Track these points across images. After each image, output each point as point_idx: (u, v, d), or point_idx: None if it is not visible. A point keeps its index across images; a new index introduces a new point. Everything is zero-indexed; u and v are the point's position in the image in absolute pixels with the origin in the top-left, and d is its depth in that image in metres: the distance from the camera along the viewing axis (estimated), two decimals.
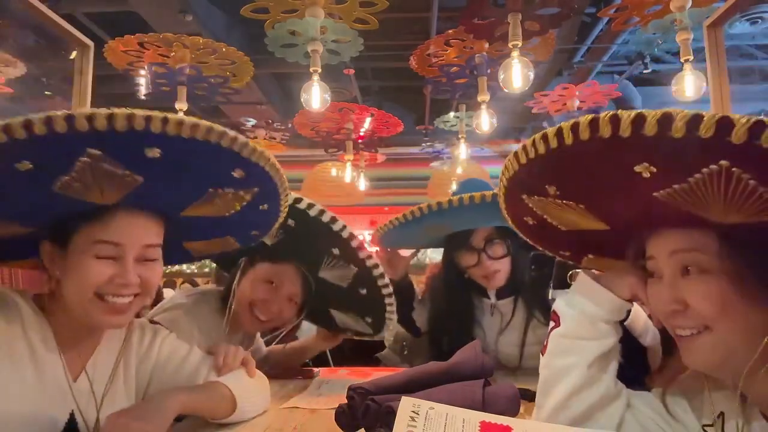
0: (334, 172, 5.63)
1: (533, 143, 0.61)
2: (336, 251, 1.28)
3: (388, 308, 1.35)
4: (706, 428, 0.68)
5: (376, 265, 1.28)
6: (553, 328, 0.80)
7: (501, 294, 1.55)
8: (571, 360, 0.76)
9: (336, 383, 1.39)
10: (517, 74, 2.79)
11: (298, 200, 1.17)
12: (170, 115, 0.69)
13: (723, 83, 1.89)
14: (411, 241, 1.68)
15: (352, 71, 5.01)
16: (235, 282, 1.36)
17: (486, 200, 1.30)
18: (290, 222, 1.18)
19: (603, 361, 0.76)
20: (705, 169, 0.52)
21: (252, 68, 3.34)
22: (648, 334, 1.15)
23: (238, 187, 0.86)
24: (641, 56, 5.00)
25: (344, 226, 1.22)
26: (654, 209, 0.63)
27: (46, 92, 3.22)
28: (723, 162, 0.51)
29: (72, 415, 0.86)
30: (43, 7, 1.76)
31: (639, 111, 0.52)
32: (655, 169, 0.55)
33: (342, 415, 0.82)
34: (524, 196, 0.73)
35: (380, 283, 1.30)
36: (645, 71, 5.09)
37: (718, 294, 0.62)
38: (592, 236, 0.76)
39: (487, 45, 3.30)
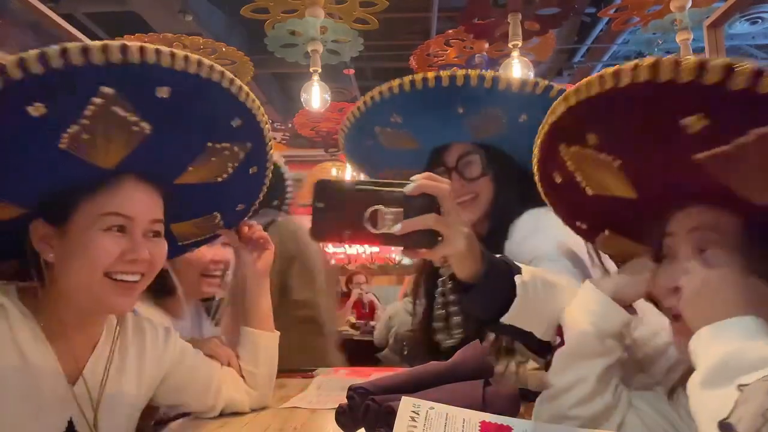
0: (334, 172, 5.64)
1: (588, 84, 0.60)
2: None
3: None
4: None
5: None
6: (558, 346, 0.77)
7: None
8: (577, 375, 0.74)
9: (336, 383, 1.38)
10: (517, 74, 2.79)
11: None
12: (177, 51, 0.68)
13: None
14: (380, 156, 1.31)
15: (352, 71, 5.01)
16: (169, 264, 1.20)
17: (443, 83, 1.00)
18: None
19: (609, 372, 0.74)
20: (755, 131, 0.51)
21: (252, 68, 3.34)
22: (660, 336, 1.12)
23: (234, 140, 0.85)
24: (641, 56, 4.97)
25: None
26: (688, 178, 0.62)
27: None
28: None
29: (70, 421, 0.81)
30: (43, 7, 1.76)
31: (702, 57, 0.52)
32: (705, 123, 0.54)
33: (342, 415, 0.82)
34: (562, 145, 0.70)
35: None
36: None
37: None
38: (616, 206, 0.73)
39: (487, 45, 3.31)
